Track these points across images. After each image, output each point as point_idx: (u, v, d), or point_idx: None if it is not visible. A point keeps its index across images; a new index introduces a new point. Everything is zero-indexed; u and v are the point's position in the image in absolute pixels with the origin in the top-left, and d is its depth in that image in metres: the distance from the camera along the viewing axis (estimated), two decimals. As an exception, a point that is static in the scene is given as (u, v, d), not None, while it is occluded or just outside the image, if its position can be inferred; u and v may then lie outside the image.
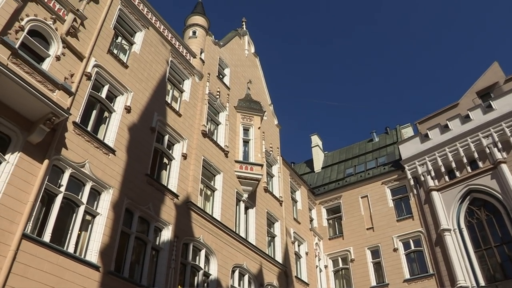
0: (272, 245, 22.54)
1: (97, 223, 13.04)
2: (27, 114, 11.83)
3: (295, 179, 28.72)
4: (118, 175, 14.47)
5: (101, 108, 15.42)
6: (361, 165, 31.97)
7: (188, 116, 19.67)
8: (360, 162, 32.64)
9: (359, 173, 30.90)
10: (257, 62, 30.07)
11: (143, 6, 19.48)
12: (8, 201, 10.64)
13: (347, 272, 27.44)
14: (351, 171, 31.81)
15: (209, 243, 17.23)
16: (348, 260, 27.56)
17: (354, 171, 31.65)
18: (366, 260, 26.75)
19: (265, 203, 22.64)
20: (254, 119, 23.68)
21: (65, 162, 12.69)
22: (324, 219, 30.30)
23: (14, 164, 11.17)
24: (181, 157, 17.92)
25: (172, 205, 16.25)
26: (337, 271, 28.07)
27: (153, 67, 18.66)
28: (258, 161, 22.02)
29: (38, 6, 14.09)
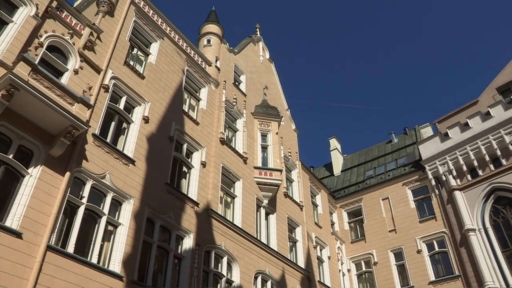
0: (294, 250, 22.44)
1: (119, 233, 13.18)
2: (48, 128, 12.05)
3: (315, 183, 28.60)
4: (138, 185, 14.61)
5: (119, 119, 15.62)
6: (381, 167, 31.65)
7: (206, 124, 19.78)
8: (380, 164, 32.32)
9: (379, 175, 30.57)
10: (272, 68, 30.11)
11: (157, 17, 19.71)
12: (32, 214, 10.84)
13: (371, 276, 27.10)
14: (371, 173, 31.50)
15: (231, 250, 17.24)
16: (371, 263, 27.25)
17: (374, 173, 31.33)
18: (390, 263, 26.39)
19: (286, 208, 22.58)
20: (272, 124, 23.70)
21: (86, 173, 12.87)
22: (346, 222, 30.05)
23: (37, 178, 11.39)
24: (200, 165, 18.01)
25: (192, 213, 16.32)
26: (360, 274, 27.76)
27: (169, 76, 18.84)
28: (277, 167, 22.00)
29: (56, 22, 14.40)
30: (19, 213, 10.64)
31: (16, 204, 10.77)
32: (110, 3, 16.79)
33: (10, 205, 10.77)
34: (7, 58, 12.00)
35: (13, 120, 11.44)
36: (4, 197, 10.83)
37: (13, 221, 10.49)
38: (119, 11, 17.42)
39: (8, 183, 11.05)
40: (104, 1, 16.65)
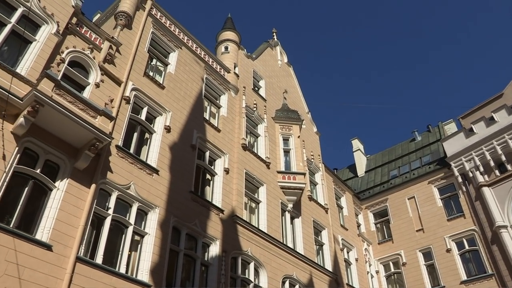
0: (321, 254, 22.30)
1: (146, 242, 13.32)
2: (72, 142, 12.29)
3: (339, 185, 28.41)
4: (163, 194, 14.74)
5: (141, 130, 15.81)
6: (405, 166, 31.21)
7: (227, 130, 19.87)
8: (404, 163, 31.88)
9: (404, 174, 30.16)
10: (291, 72, 30.09)
11: (174, 27, 19.94)
12: (61, 226, 11.06)
13: (400, 277, 26.69)
14: (396, 173, 31.11)
15: (258, 256, 17.23)
16: (399, 264, 26.84)
17: (398, 172, 30.93)
18: (419, 263, 25.94)
19: (311, 212, 22.48)
20: (293, 128, 23.66)
21: (111, 185, 13.07)
22: (372, 223, 29.71)
23: (64, 191, 11.62)
24: (223, 172, 18.09)
25: (218, 220, 16.38)
26: (389, 276, 27.37)
27: (189, 85, 19.01)
28: (300, 170, 21.94)
29: (76, 38, 14.71)
30: (48, 226, 10.88)
31: (45, 217, 11.02)
32: (128, 16, 17.08)
33: (39, 218, 11.03)
34: (32, 76, 12.29)
35: (39, 135, 11.72)
36: (33, 211, 11.09)
37: (43, 234, 10.73)
38: (136, 24, 17.70)
39: (37, 197, 11.31)
40: (122, 14, 16.96)
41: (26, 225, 10.74)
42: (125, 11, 17.08)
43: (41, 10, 13.59)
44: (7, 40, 12.52)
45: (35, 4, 13.45)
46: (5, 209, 10.48)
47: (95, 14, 23.34)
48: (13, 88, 11.31)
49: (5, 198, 10.51)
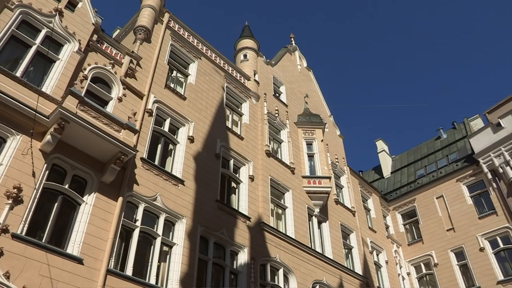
0: (350, 257, 22.06)
1: (174, 253, 13.40)
2: (98, 156, 12.51)
3: (365, 187, 28.11)
4: (189, 204, 14.84)
5: (165, 141, 15.98)
6: (431, 165, 30.68)
7: (250, 138, 19.92)
8: (431, 162, 31.34)
9: (431, 173, 29.64)
10: (311, 76, 30.03)
11: (192, 38, 20.16)
12: (90, 240, 11.24)
13: (432, 278, 26.12)
14: (422, 172, 30.61)
15: (286, 262, 17.15)
16: (431, 265, 26.29)
17: (425, 171, 30.43)
18: (451, 263, 25.35)
19: (338, 215, 22.29)
20: (316, 132, 23.56)
21: (138, 197, 13.23)
22: (400, 224, 29.25)
23: (92, 205, 11.83)
24: (248, 179, 18.11)
25: (245, 228, 16.39)
26: (421, 277, 26.82)
27: (210, 95, 19.15)
28: (325, 174, 21.80)
29: (98, 55, 15.03)
30: (79, 240, 11.09)
31: (75, 232, 11.24)
32: (147, 30, 17.37)
33: (69, 232, 11.26)
34: (57, 94, 12.60)
35: (66, 151, 11.98)
36: (63, 225, 11.33)
37: (73, 247, 10.94)
38: (155, 37, 17.98)
39: (67, 212, 11.54)
40: (141, 28, 17.26)
41: (57, 240, 10.98)
42: (143, 26, 17.38)
43: (63, 29, 13.95)
44: (33, 61, 12.92)
45: (57, 24, 13.81)
46: (37, 224, 10.74)
47: (115, 30, 23.82)
48: (40, 107, 11.61)
49: (37, 214, 10.79)
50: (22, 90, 11.80)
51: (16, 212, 10.19)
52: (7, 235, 9.81)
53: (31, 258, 9.97)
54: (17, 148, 11.03)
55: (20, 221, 10.17)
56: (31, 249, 10.08)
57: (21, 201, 10.38)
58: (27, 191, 10.61)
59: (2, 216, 9.88)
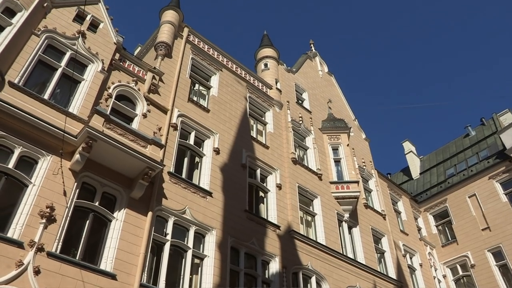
0: (383, 262, 21.69)
1: (206, 265, 13.44)
2: (126, 172, 12.71)
3: (395, 190, 27.68)
4: (218, 215, 14.89)
5: (191, 154, 16.12)
6: (461, 163, 29.99)
7: (276, 146, 19.91)
8: (460, 160, 30.64)
9: (461, 172, 28.97)
10: (333, 81, 29.91)
11: (212, 51, 20.37)
12: (122, 255, 11.39)
13: (470, 280, 25.33)
14: (452, 171, 29.95)
15: (318, 269, 16.99)
16: (468, 267, 25.54)
17: (455, 170, 29.76)
18: (489, 264, 24.55)
19: (368, 220, 22.01)
20: (341, 137, 23.40)
21: (167, 211, 13.35)
22: (433, 226, 28.60)
23: (122, 221, 12.01)
24: (276, 188, 18.07)
25: (275, 237, 16.33)
26: (458, 279, 26.06)
27: (233, 106, 19.26)
28: (353, 179, 21.58)
29: (121, 73, 15.35)
30: (111, 256, 11.26)
31: (108, 248, 11.43)
32: (167, 45, 17.65)
33: (102, 249, 11.45)
34: (83, 113, 12.90)
35: (94, 169, 12.23)
36: (96, 242, 11.54)
37: (106, 263, 11.12)
38: (176, 52, 18.25)
39: (98, 228, 11.76)
40: (161, 44, 17.57)
41: (90, 256, 11.18)
42: (164, 41, 17.67)
43: (87, 50, 14.33)
44: (59, 83, 13.33)
45: (80, 46, 14.22)
46: (70, 242, 10.97)
47: (136, 47, 24.27)
48: (68, 127, 11.89)
49: (69, 232, 11.02)
50: (50, 112, 12.14)
51: (50, 231, 10.43)
52: (43, 254, 10.06)
53: (66, 275, 10.18)
54: (48, 168, 11.33)
55: (54, 239, 10.42)
56: (66, 266, 10.29)
57: (54, 220, 10.63)
58: (59, 210, 10.85)
59: (37, 235, 10.13)
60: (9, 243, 9.71)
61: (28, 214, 10.33)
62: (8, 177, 10.69)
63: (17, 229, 10.03)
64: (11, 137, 11.10)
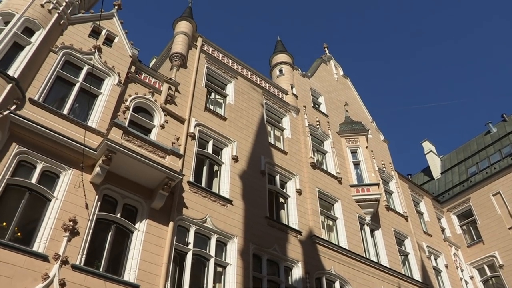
0: (407, 264, 21.37)
1: (228, 273, 13.44)
2: (146, 183, 12.82)
3: (416, 191, 27.33)
4: (239, 223, 14.89)
5: (210, 163, 16.18)
6: (484, 161, 29.47)
7: (294, 152, 19.87)
8: (482, 158, 30.10)
9: (484, 170, 28.45)
10: (349, 83, 29.79)
11: (227, 59, 20.49)
12: (145, 266, 11.46)
13: (499, 280, 24.72)
14: (475, 170, 29.45)
15: (342, 273, 16.84)
16: (496, 267, 24.97)
17: (477, 169, 29.25)
18: (519, 264, 24.02)
19: (390, 222, 21.76)
20: (359, 139, 23.26)
21: (188, 220, 13.41)
22: (457, 226, 28.10)
23: (144, 231, 12.10)
24: (295, 193, 18.01)
25: (297, 242, 16.26)
26: (486, 280, 25.47)
27: (249, 113, 19.31)
28: (373, 181, 21.40)
29: (137, 85, 15.54)
30: (134, 266, 11.34)
31: (130, 259, 11.52)
32: (182, 56, 17.83)
33: (125, 260, 11.54)
34: (102, 126, 13.09)
35: (115, 181, 12.36)
36: (119, 253, 11.64)
37: (130, 274, 11.20)
38: (191, 62, 18.42)
39: (120, 240, 11.87)
40: (176, 55, 17.77)
41: (114, 268, 11.27)
42: (178, 52, 17.86)
43: (103, 65, 14.56)
44: (77, 98, 13.56)
45: (97, 60, 14.44)
46: (93, 254, 11.08)
47: (151, 59, 24.59)
48: (87, 141, 12.07)
49: (92, 244, 11.14)
50: (69, 126, 12.34)
51: (74, 243, 10.57)
52: (68, 266, 10.19)
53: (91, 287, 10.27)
54: (69, 182, 11.51)
55: (78, 252, 10.55)
56: (90, 278, 10.40)
57: (77, 232, 10.76)
58: (82, 222, 10.99)
59: (61, 249, 10.27)
60: (35, 256, 9.87)
61: (52, 227, 10.49)
62: (31, 192, 10.89)
63: (42, 243, 10.19)
64: (33, 153, 11.33)
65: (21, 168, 11.17)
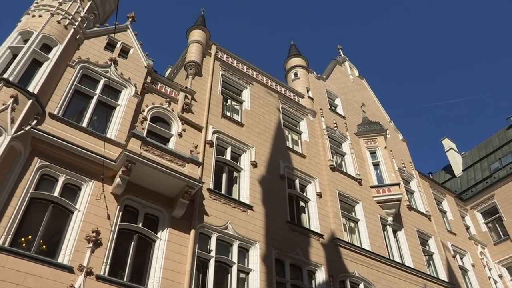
0: (432, 264, 21.04)
1: (251, 279, 13.42)
2: (166, 192, 12.90)
3: (438, 189, 26.94)
4: (261, 228, 14.87)
5: (229, 170, 16.22)
6: (507, 156, 28.88)
7: (312, 155, 19.80)
8: (505, 153, 29.51)
9: (508, 165, 27.88)
10: (364, 84, 29.63)
11: (242, 65, 20.58)
12: (169, 274, 11.52)
13: (531, 279, 24.21)
14: (498, 166, 28.90)
15: (366, 276, 16.67)
16: (526, 265, 24.44)
17: (500, 164, 28.71)
18: (551, 260, 23.38)
19: (413, 222, 21.49)
20: (378, 140, 23.09)
21: (209, 228, 13.44)
22: (482, 223, 27.57)
23: (166, 240, 12.17)
24: (316, 196, 17.94)
25: (319, 246, 16.17)
26: (516, 279, 24.97)
27: (266, 118, 19.33)
28: (394, 181, 21.18)
29: (153, 95, 15.69)
30: (158, 275, 11.40)
31: (154, 268, 11.59)
32: (197, 64, 17.96)
33: (148, 269, 11.62)
34: (120, 138, 13.24)
35: (135, 192, 12.47)
36: (142, 263, 11.73)
37: (153, 283, 11.27)
38: (206, 69, 18.54)
39: (143, 249, 11.97)
40: (191, 64, 17.91)
41: (137, 277, 11.37)
42: (193, 60, 17.99)
43: (119, 76, 14.75)
44: (95, 110, 13.76)
45: (113, 73, 14.65)
46: (117, 264, 11.19)
47: (167, 69, 24.78)
48: (107, 152, 12.22)
49: (116, 254, 11.25)
50: (89, 139, 12.51)
51: (97, 254, 10.69)
52: (92, 277, 10.31)
53: (116, 298, 10.37)
54: (91, 194, 11.67)
55: (102, 262, 10.66)
56: (115, 288, 10.48)
57: (100, 243, 10.88)
58: (105, 233, 11.11)
59: (85, 260, 10.40)
60: (60, 268, 10.02)
61: (76, 239, 10.63)
62: (54, 205, 11.07)
63: (66, 255, 10.34)
64: (55, 166, 11.52)
65: (43, 182, 11.38)
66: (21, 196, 10.51)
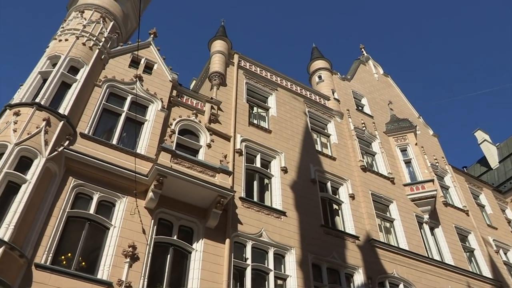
0: (474, 260, 20.45)
1: (289, 285, 13.35)
2: (199, 203, 13.01)
3: (474, 183, 26.24)
4: (295, 234, 14.80)
5: (260, 177, 16.23)
6: (545, 144, 28.07)
7: (342, 157, 19.64)
8: (543, 141, 28.68)
9: (547, 153, 27.05)
10: (390, 81, 29.25)
11: (265, 72, 20.63)
12: (206, 285, 11.59)
13: None
14: (536, 153, 28.04)
15: (405, 276, 16.34)
16: None
17: (539, 153, 27.87)
18: None
19: (450, 218, 20.99)
20: (408, 137, 22.72)
21: (244, 236, 13.46)
22: (524, 216, 26.75)
23: (202, 251, 12.26)
24: (349, 198, 17.75)
25: (355, 248, 15.97)
26: None
27: (293, 123, 19.29)
28: (427, 177, 20.77)
29: (180, 108, 15.88)
30: (195, 286, 11.51)
31: (191, 279, 11.69)
32: (221, 74, 18.13)
33: (185, 280, 11.72)
34: (150, 152, 13.44)
35: (168, 205, 12.62)
36: (179, 274, 11.83)
37: (192, 296, 11.31)
38: (230, 79, 18.67)
39: (179, 261, 12.09)
40: (215, 74, 18.10)
41: (176, 290, 11.44)
42: (217, 71, 18.17)
43: (145, 92, 15.01)
44: (124, 127, 14.02)
45: (139, 89, 14.91)
46: (155, 277, 11.33)
47: (191, 81, 25.09)
48: (138, 168, 12.40)
49: (153, 267, 11.39)
50: (120, 155, 12.75)
51: (135, 268, 10.84)
52: (132, 292, 10.43)
53: (156, 311, 10.47)
54: (125, 209, 11.86)
55: (140, 276, 10.81)
56: (155, 302, 10.59)
57: (137, 258, 11.04)
58: (141, 248, 11.26)
59: (124, 275, 10.58)
60: (100, 284, 10.23)
61: (113, 255, 10.82)
62: (91, 222, 11.31)
63: (105, 270, 10.54)
64: (89, 185, 11.78)
65: (79, 200, 11.65)
66: (58, 215, 10.79)
